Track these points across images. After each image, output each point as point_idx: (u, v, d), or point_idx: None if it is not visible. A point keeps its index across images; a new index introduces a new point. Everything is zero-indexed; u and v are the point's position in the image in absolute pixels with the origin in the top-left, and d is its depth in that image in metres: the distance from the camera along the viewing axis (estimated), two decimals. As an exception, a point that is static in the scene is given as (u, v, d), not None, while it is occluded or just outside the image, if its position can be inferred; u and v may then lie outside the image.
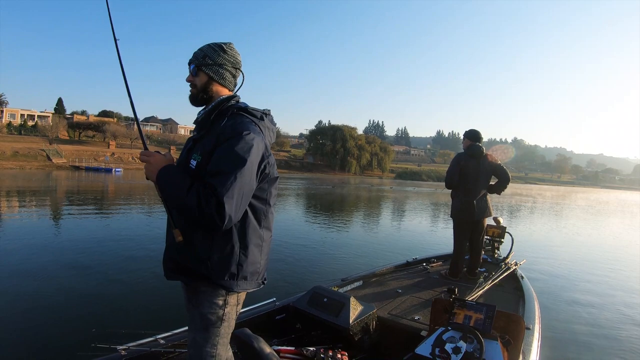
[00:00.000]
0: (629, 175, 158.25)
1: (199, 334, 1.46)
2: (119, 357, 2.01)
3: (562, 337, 4.20)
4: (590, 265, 8.32)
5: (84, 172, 39.80)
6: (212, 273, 1.39)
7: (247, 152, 1.33)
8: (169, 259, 1.49)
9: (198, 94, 1.51)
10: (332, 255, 7.70)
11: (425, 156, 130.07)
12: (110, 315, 4.10)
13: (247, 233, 1.43)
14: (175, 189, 1.32)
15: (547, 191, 58.14)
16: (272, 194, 1.51)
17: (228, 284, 1.41)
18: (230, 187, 1.27)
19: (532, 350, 2.37)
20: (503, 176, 4.22)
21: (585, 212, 23.97)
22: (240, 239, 1.41)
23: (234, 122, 1.40)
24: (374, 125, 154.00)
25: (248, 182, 1.34)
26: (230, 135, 1.34)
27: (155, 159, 1.42)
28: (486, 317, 2.17)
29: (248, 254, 1.43)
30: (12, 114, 61.06)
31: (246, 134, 1.34)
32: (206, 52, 1.49)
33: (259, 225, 1.47)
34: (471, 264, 4.24)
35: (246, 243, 1.43)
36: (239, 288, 1.44)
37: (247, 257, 1.43)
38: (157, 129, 78.59)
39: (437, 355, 2.02)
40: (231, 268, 1.40)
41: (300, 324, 2.73)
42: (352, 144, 79.37)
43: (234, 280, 1.42)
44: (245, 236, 1.42)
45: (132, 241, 7.85)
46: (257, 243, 1.46)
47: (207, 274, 1.39)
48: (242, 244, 1.42)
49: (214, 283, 1.40)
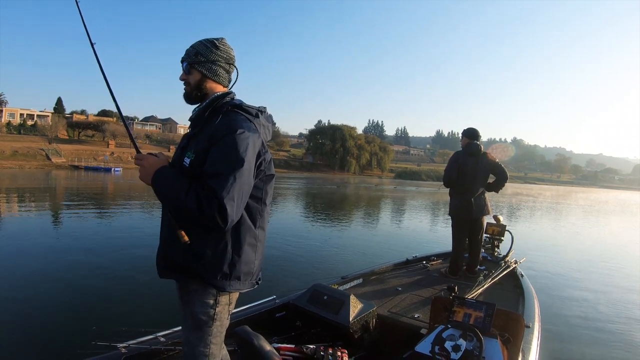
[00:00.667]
0: (628, 175, 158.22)
1: (192, 333, 1.45)
2: (119, 354, 2.01)
3: (561, 335, 4.21)
4: (590, 263, 8.34)
5: (84, 171, 39.80)
6: (204, 272, 1.37)
7: (244, 151, 1.31)
8: (162, 257, 1.48)
9: (192, 92, 1.49)
10: (332, 253, 7.71)
11: (425, 156, 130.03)
12: (110, 313, 4.11)
13: (242, 233, 1.41)
14: (171, 190, 1.31)
15: (547, 191, 58.20)
16: (267, 192, 1.49)
17: (220, 283, 1.39)
18: (230, 188, 1.26)
19: (532, 349, 2.37)
20: (501, 174, 4.22)
21: (585, 212, 23.99)
22: (234, 239, 1.40)
23: (229, 120, 1.37)
24: (374, 125, 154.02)
25: (247, 181, 1.33)
26: (224, 133, 1.32)
27: (148, 161, 1.40)
28: (486, 315, 2.17)
29: (242, 254, 1.41)
30: (11, 114, 60.95)
31: (241, 132, 1.32)
32: (198, 49, 1.46)
33: (254, 225, 1.45)
34: (471, 262, 4.25)
35: (240, 243, 1.41)
36: (232, 288, 1.43)
37: (240, 257, 1.41)
38: (157, 129, 78.53)
39: (437, 353, 2.02)
40: (224, 268, 1.38)
41: (300, 321, 2.73)
42: (351, 144, 79.37)
43: (227, 280, 1.40)
44: (239, 236, 1.40)
45: (132, 240, 7.85)
46: (251, 243, 1.45)
47: (200, 272, 1.37)
48: (236, 243, 1.40)
49: (206, 282, 1.39)
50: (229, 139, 1.31)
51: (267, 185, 1.49)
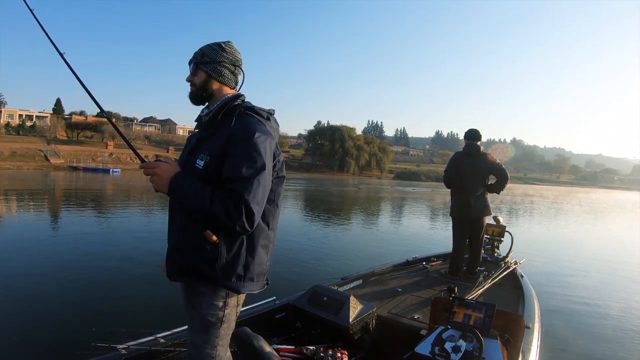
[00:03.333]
0: (627, 176, 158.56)
1: (198, 335, 1.44)
2: (119, 355, 2.01)
3: (561, 335, 4.21)
4: (590, 264, 8.34)
5: (82, 172, 39.74)
6: (219, 275, 1.36)
7: (264, 154, 1.32)
8: (173, 260, 1.46)
9: (197, 92, 1.50)
10: (332, 254, 7.72)
11: (424, 156, 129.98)
12: (110, 314, 4.10)
13: (256, 234, 1.41)
14: (195, 198, 1.28)
15: (547, 191, 58.24)
16: (279, 194, 1.50)
17: (235, 285, 1.39)
18: (255, 192, 1.27)
19: (532, 349, 2.37)
20: (501, 175, 4.22)
21: (584, 212, 24.01)
22: (249, 241, 1.40)
23: (245, 123, 1.37)
24: (373, 126, 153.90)
25: (268, 185, 1.35)
26: (242, 137, 1.33)
27: (162, 169, 1.35)
28: (486, 316, 2.17)
29: (255, 255, 1.42)
30: (10, 115, 60.86)
31: (258, 135, 1.33)
32: (204, 51, 1.49)
33: (267, 226, 1.46)
34: (471, 263, 4.25)
35: (254, 244, 1.41)
36: (246, 289, 1.43)
37: (254, 258, 1.41)
38: (156, 129, 78.51)
39: (437, 354, 2.02)
40: (238, 269, 1.38)
41: (300, 322, 2.73)
42: (350, 144, 79.34)
43: (241, 282, 1.40)
44: (253, 237, 1.40)
45: (131, 241, 7.84)
46: (264, 244, 1.45)
47: (214, 275, 1.37)
48: (250, 245, 1.40)
49: (217, 284, 1.39)
50: (249, 142, 1.32)
51: (280, 186, 1.50)
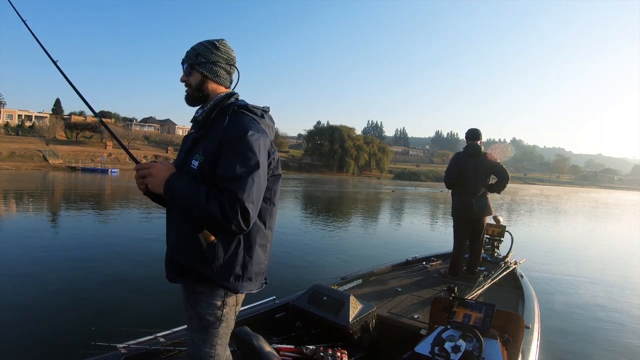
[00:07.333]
0: (627, 176, 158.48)
1: (198, 335, 1.44)
2: (119, 355, 2.01)
3: (561, 335, 4.20)
4: (590, 264, 8.34)
5: (80, 172, 39.69)
6: (217, 275, 1.36)
7: (258, 153, 1.31)
8: (171, 261, 1.45)
9: (193, 94, 1.48)
10: (331, 253, 7.71)
11: (424, 156, 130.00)
12: (110, 313, 4.10)
13: (253, 233, 1.40)
14: (190, 198, 1.27)
15: (547, 191, 58.28)
16: (276, 192, 1.49)
17: (233, 285, 1.39)
18: (250, 191, 1.26)
19: (532, 349, 2.37)
20: (502, 175, 4.22)
21: (584, 212, 24.03)
22: (246, 240, 1.39)
23: (237, 121, 1.36)
24: (373, 126, 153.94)
25: (263, 183, 1.34)
26: (236, 135, 1.31)
27: (156, 169, 1.34)
28: (485, 316, 2.18)
29: (253, 255, 1.41)
30: (9, 115, 60.79)
31: (252, 133, 1.31)
32: (198, 50, 1.46)
33: (264, 225, 1.45)
34: (471, 263, 4.25)
35: (251, 244, 1.41)
36: (244, 289, 1.42)
37: (252, 258, 1.41)
38: (155, 130, 78.43)
39: (437, 354, 2.02)
40: (236, 269, 1.38)
41: (300, 322, 2.74)
42: (350, 145, 79.34)
43: (239, 282, 1.40)
44: (250, 237, 1.40)
45: (131, 241, 7.83)
46: (262, 243, 1.45)
47: (212, 275, 1.36)
48: (248, 244, 1.40)
49: (215, 284, 1.38)
50: (243, 141, 1.30)
51: (276, 185, 1.49)
